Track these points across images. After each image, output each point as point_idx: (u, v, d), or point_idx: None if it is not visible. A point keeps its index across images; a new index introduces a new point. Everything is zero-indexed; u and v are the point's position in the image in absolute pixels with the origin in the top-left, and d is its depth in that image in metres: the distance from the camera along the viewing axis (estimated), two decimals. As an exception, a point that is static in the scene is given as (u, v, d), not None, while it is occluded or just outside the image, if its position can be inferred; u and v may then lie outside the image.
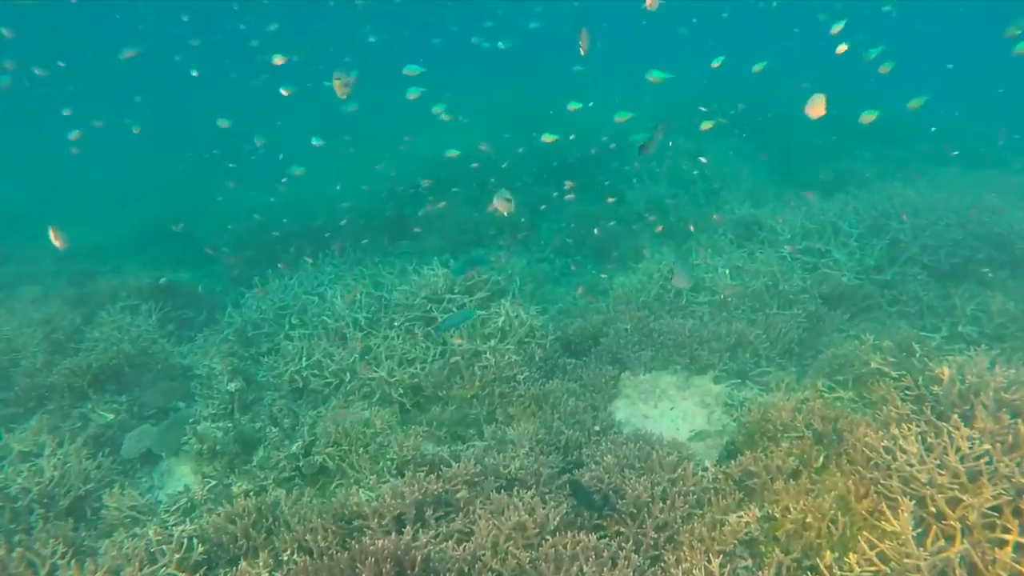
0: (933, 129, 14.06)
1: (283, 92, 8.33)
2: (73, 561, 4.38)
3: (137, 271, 9.72)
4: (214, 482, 5.54)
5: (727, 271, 7.83)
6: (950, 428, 4.10)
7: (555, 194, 10.61)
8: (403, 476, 4.97)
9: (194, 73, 11.50)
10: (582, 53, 6.00)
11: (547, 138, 8.52)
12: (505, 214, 5.95)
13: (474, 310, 6.79)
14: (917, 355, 5.61)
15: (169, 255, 10.94)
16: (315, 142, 9.14)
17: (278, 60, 8.32)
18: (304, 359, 6.83)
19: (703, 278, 7.76)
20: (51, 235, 5.92)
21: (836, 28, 8.15)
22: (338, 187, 11.51)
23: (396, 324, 7.09)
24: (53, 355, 7.05)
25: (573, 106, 8.95)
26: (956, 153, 11.63)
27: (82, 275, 9.91)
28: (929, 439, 4.11)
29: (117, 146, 16.62)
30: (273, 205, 11.75)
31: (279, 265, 8.57)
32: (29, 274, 10.50)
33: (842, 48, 8.02)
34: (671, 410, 6.11)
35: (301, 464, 5.49)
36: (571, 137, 10.37)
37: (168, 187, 14.96)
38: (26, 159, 17.98)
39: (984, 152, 13.37)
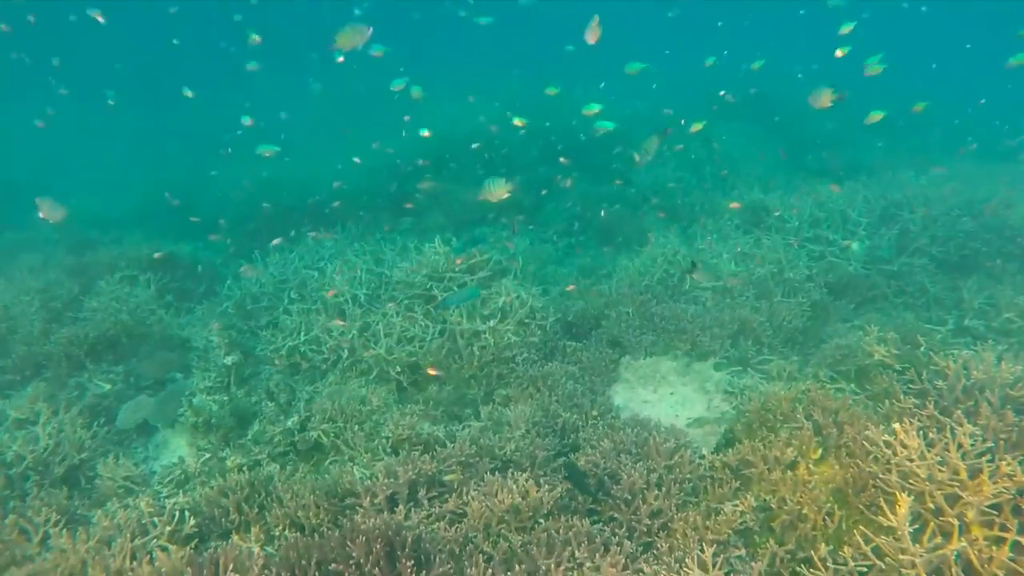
0: (956, 121, 13.82)
1: (249, 67, 8.19)
2: (65, 530, 4.38)
3: (138, 242, 9.67)
4: (208, 455, 5.52)
5: (732, 256, 7.73)
6: (953, 424, 4.03)
7: (559, 175, 10.49)
8: (398, 455, 4.95)
9: (175, 41, 11.38)
10: (591, 42, 5.69)
11: (518, 121, 8.42)
12: (494, 202, 5.63)
13: (478, 288, 6.71)
14: (922, 348, 5.53)
15: (170, 226, 10.89)
16: (283, 116, 9.01)
17: (255, 39, 8.08)
18: (302, 334, 6.78)
19: (708, 264, 7.65)
20: (43, 209, 5.21)
21: (846, 29, 8.03)
22: (339, 166, 11.39)
23: (396, 301, 7.02)
24: (51, 324, 7.02)
25: (551, 90, 8.92)
26: (963, 151, 11.40)
27: (82, 244, 9.87)
28: (931, 434, 4.04)
29: (121, 120, 16.51)
30: (273, 180, 11.67)
31: (273, 242, 8.46)
32: (29, 241, 10.47)
33: (840, 52, 7.97)
34: (670, 396, 6.06)
35: (296, 440, 5.46)
36: (552, 122, 10.22)
37: (170, 161, 14.88)
38: (28, 131, 17.86)
39: (1000, 144, 13.14)
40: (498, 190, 5.40)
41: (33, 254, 9.62)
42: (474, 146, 10.60)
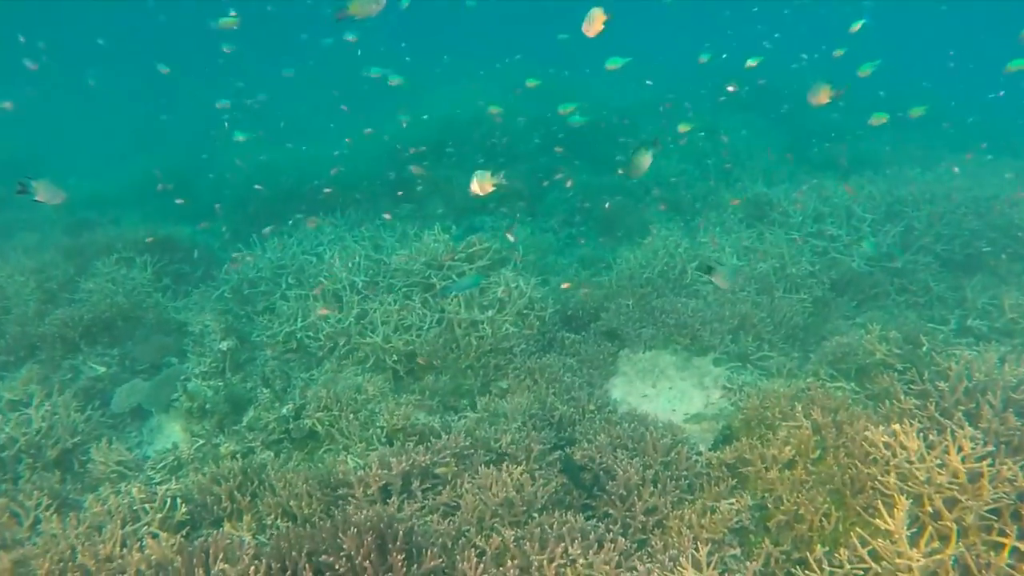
0: (970, 119, 13.66)
1: (225, 50, 8.11)
2: (56, 515, 4.35)
3: (135, 223, 9.59)
4: (202, 441, 5.48)
5: (736, 250, 7.65)
6: (953, 426, 3.98)
7: (561, 167, 10.38)
8: (392, 445, 4.91)
9: (162, 18, 11.27)
10: (590, 34, 5.49)
11: (494, 109, 8.34)
12: (482, 195, 5.31)
13: (479, 277, 6.63)
14: (924, 348, 5.47)
15: (169, 207, 10.76)
16: (261, 97, 8.97)
17: (229, 22, 7.85)
18: (299, 320, 6.73)
19: (710, 257, 7.58)
20: (40, 191, 4.61)
21: (856, 26, 7.95)
22: (336, 152, 11.28)
23: (394, 289, 6.96)
24: (46, 305, 6.96)
25: (531, 82, 8.83)
26: (970, 155, 11.24)
27: (79, 224, 9.79)
28: (931, 436, 3.99)
29: (120, 101, 16.36)
30: (271, 164, 11.57)
31: (264, 230, 8.36)
32: (28, 221, 10.40)
33: (838, 53, 7.94)
34: (669, 390, 6.01)
35: (290, 427, 5.42)
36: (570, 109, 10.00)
37: (170, 141, 14.77)
38: (27, 111, 17.71)
39: (1011, 141, 13.00)
40: (484, 183, 5.06)
41: (30, 234, 9.56)
42: (475, 135, 10.49)
